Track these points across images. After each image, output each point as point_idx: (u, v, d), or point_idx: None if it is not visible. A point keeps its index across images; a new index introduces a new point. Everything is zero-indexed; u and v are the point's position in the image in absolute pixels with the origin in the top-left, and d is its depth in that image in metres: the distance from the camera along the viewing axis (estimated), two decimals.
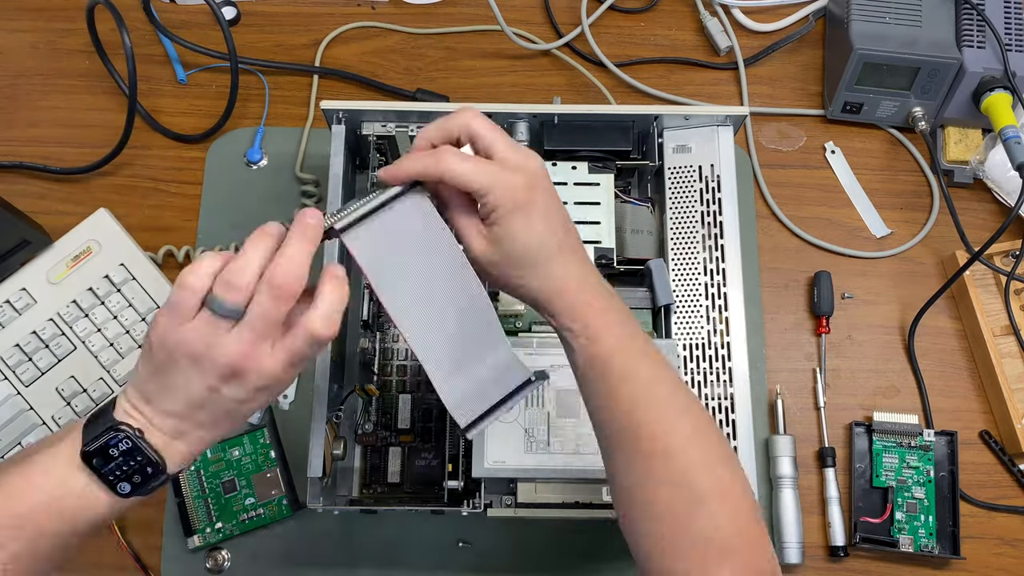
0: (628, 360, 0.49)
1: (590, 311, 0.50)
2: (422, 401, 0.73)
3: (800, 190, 0.87)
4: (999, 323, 0.81)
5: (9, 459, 0.51)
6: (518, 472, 0.66)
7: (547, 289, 0.50)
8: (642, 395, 0.49)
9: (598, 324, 0.49)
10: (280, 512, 0.75)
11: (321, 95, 0.90)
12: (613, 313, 0.50)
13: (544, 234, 0.49)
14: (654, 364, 0.50)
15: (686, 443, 0.48)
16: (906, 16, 0.83)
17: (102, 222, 0.80)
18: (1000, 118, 0.78)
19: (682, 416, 0.49)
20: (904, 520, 0.75)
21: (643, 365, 0.50)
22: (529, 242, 0.48)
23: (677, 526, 0.48)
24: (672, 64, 0.92)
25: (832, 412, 0.79)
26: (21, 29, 0.93)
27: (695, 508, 0.47)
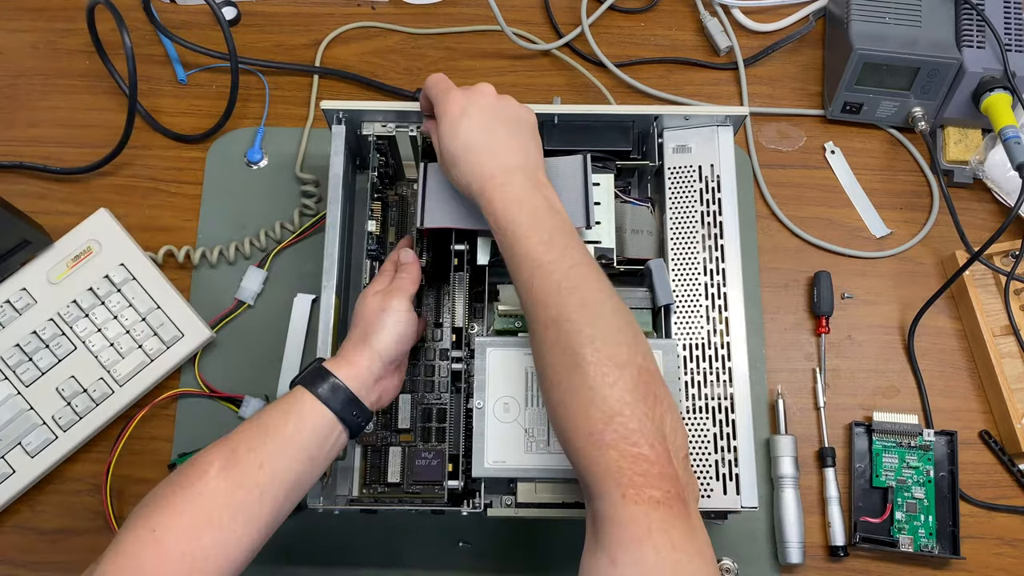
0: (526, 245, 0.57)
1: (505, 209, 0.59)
2: (422, 401, 0.73)
3: (800, 190, 0.87)
4: (999, 323, 0.81)
5: None
6: (518, 472, 0.66)
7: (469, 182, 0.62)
8: (536, 272, 0.56)
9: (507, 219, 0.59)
10: None
11: (321, 95, 0.90)
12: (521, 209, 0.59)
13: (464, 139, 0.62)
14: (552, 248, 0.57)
15: (572, 312, 0.54)
16: (906, 16, 0.83)
17: (102, 222, 0.80)
18: (1000, 118, 0.78)
19: (573, 291, 0.55)
20: (904, 520, 0.75)
21: (540, 248, 0.57)
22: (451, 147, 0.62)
23: (565, 391, 0.53)
24: (672, 64, 0.92)
25: (832, 412, 0.79)
26: (21, 29, 0.93)
27: (576, 373, 0.52)
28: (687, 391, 0.68)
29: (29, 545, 0.76)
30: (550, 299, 0.55)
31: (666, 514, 0.49)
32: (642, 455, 0.50)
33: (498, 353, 0.68)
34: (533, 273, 0.56)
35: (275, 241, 0.83)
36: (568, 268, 0.56)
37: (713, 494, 0.65)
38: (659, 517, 0.48)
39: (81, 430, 0.76)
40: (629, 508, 0.48)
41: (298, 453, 0.57)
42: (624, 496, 0.49)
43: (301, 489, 0.58)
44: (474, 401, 0.67)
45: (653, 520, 0.48)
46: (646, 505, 0.48)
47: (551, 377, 0.54)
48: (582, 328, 0.53)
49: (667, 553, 0.47)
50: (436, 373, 0.73)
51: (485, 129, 0.62)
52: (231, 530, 0.53)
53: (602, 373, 0.52)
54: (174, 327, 0.78)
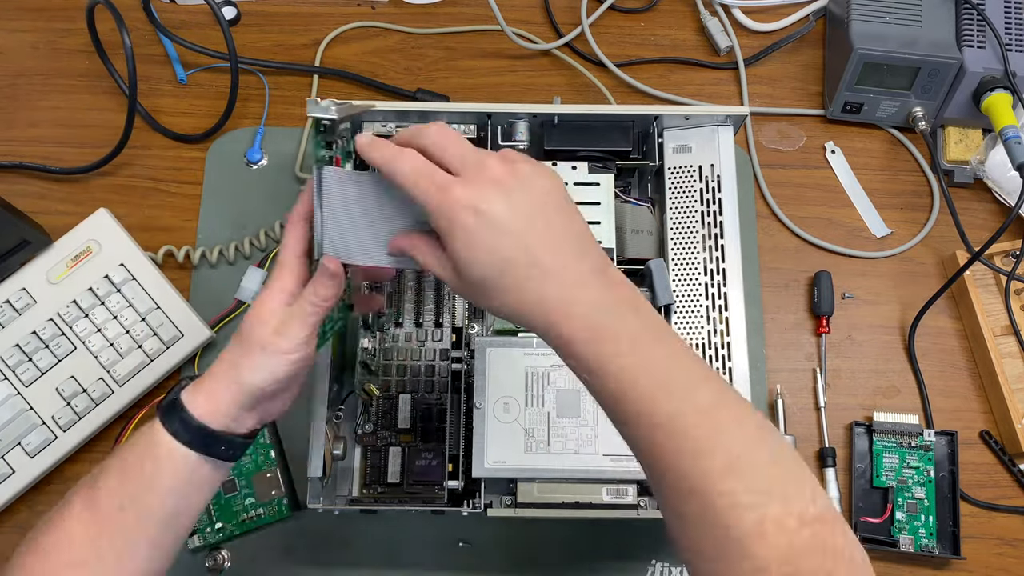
0: (638, 390, 0.43)
1: (589, 344, 0.44)
2: (422, 401, 0.73)
3: (800, 190, 0.87)
4: (999, 323, 0.81)
5: None
6: (518, 472, 0.66)
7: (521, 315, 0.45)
8: (657, 433, 0.43)
9: (598, 361, 0.44)
10: (280, 512, 0.75)
11: (321, 95, 0.90)
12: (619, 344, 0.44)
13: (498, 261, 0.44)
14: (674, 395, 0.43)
15: (718, 480, 0.42)
16: (906, 16, 0.83)
17: (102, 222, 0.80)
18: (1000, 118, 0.78)
19: (714, 452, 0.42)
20: (904, 520, 0.75)
21: (660, 399, 0.43)
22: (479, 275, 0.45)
23: (720, 569, 0.42)
24: (672, 64, 0.92)
25: (832, 412, 0.79)
26: (21, 29, 0.93)
27: (736, 554, 0.41)
28: None
29: None
30: (683, 464, 0.42)
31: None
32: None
33: (498, 353, 0.68)
34: (653, 433, 0.43)
35: (275, 241, 0.83)
36: (698, 415, 0.43)
37: None
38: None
39: (81, 430, 0.76)
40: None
41: (163, 492, 0.51)
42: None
43: (185, 521, 0.53)
44: (474, 401, 0.67)
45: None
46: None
47: (703, 556, 0.43)
48: (738, 498, 0.41)
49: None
50: (436, 373, 0.73)
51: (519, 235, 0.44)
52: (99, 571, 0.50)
53: (772, 546, 0.41)
54: (174, 327, 0.78)
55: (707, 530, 0.42)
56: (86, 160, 0.85)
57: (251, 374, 0.51)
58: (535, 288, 0.44)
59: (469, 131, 0.71)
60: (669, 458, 0.43)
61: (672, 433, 0.43)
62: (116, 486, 0.51)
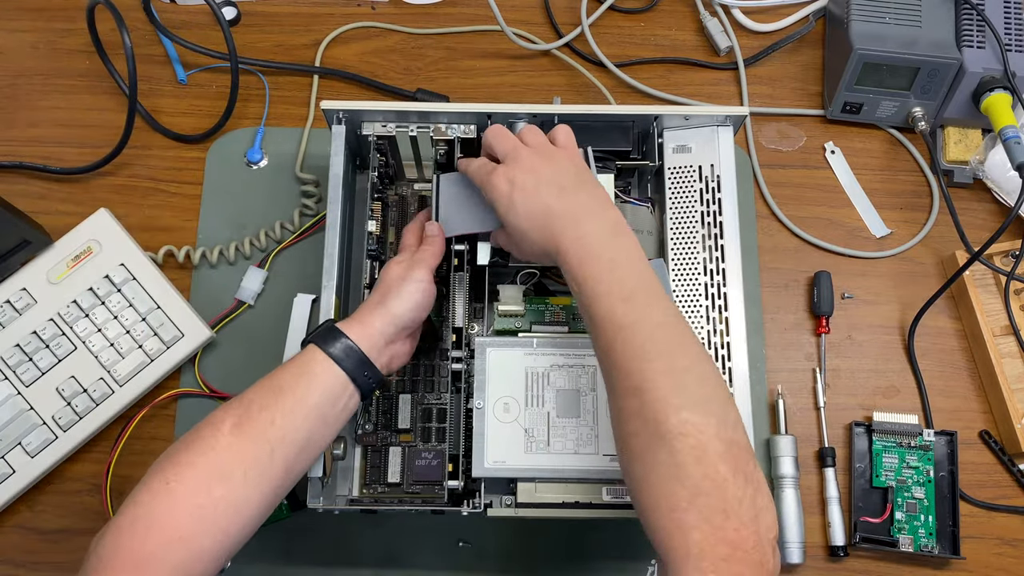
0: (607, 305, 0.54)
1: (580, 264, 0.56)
2: (422, 401, 0.73)
3: (800, 190, 0.87)
4: (999, 323, 0.81)
5: None
6: (518, 472, 0.66)
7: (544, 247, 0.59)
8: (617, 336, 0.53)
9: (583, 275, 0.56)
10: (280, 512, 0.75)
11: (321, 95, 0.90)
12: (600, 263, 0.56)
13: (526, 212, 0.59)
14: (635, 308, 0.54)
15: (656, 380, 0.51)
16: (906, 16, 0.83)
17: (102, 222, 0.80)
18: (1000, 118, 0.78)
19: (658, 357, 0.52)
20: (904, 520, 0.75)
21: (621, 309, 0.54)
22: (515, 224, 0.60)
23: (647, 465, 0.50)
24: (672, 64, 0.92)
25: (832, 412, 0.79)
26: (21, 29, 0.93)
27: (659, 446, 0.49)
28: None
29: (29, 545, 0.76)
30: (632, 365, 0.52)
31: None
32: (727, 538, 0.47)
33: (498, 353, 0.68)
34: (615, 337, 0.53)
35: (275, 241, 0.83)
36: (652, 329, 0.53)
37: None
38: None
39: (81, 430, 0.76)
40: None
41: (310, 412, 0.58)
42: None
43: (314, 449, 0.59)
44: (474, 401, 0.67)
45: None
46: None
47: (632, 448, 0.51)
48: (668, 397, 0.50)
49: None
50: (436, 373, 0.73)
51: (542, 194, 0.59)
52: (242, 485, 0.54)
53: (689, 447, 0.48)
54: (174, 327, 0.78)
55: (640, 424, 0.51)
56: (86, 160, 0.85)
57: (397, 302, 0.63)
58: (551, 228, 0.58)
59: (469, 131, 0.71)
60: (621, 358, 0.53)
61: (628, 338, 0.53)
62: (271, 402, 0.57)
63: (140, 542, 0.51)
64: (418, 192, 0.77)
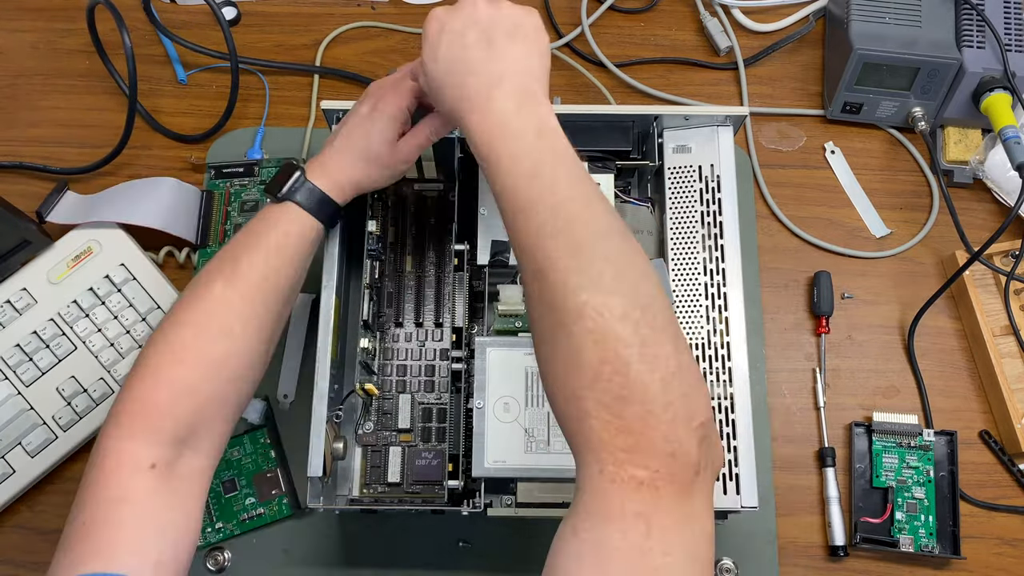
0: (508, 176, 0.50)
1: (487, 140, 0.52)
2: (422, 401, 0.73)
3: (800, 190, 0.87)
4: (999, 323, 0.81)
5: None
6: (518, 472, 0.66)
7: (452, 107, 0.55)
8: (519, 214, 0.49)
9: (488, 151, 0.52)
10: (280, 512, 0.75)
11: (322, 95, 0.90)
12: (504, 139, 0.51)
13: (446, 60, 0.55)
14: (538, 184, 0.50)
15: (557, 260, 0.47)
16: (906, 16, 0.83)
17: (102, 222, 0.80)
18: (1000, 118, 0.78)
19: (558, 235, 0.48)
20: (904, 520, 0.75)
21: (524, 185, 0.50)
22: (432, 72, 0.56)
23: (550, 350, 0.47)
24: (672, 64, 0.92)
25: (832, 412, 0.79)
26: (21, 29, 0.93)
27: (559, 330, 0.46)
28: None
29: (29, 545, 0.76)
30: (535, 244, 0.48)
31: (649, 496, 0.42)
32: (627, 426, 0.43)
33: (498, 353, 0.68)
34: (516, 215, 0.49)
35: None
36: (555, 205, 0.48)
37: None
38: (639, 499, 0.42)
39: (81, 430, 0.76)
40: (604, 485, 0.42)
41: (294, 261, 0.61)
42: (601, 472, 0.43)
43: (293, 295, 0.63)
44: (474, 401, 0.67)
45: (629, 502, 0.42)
46: (624, 484, 0.42)
47: (538, 333, 0.48)
48: (567, 278, 0.46)
49: (637, 540, 0.41)
50: (436, 373, 0.73)
51: (469, 44, 0.54)
52: (241, 338, 0.58)
53: (587, 329, 0.44)
54: None
55: (544, 309, 0.47)
56: (86, 160, 0.85)
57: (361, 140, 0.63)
58: (464, 85, 0.54)
59: None
60: (524, 238, 0.49)
61: (530, 216, 0.49)
62: (260, 261, 0.59)
63: (147, 398, 0.54)
64: (418, 192, 0.77)
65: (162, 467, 0.53)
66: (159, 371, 0.55)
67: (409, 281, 0.74)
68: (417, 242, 0.75)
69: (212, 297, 0.58)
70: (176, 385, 0.55)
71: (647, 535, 0.41)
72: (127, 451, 0.52)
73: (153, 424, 0.53)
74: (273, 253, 0.60)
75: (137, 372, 0.55)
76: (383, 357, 0.73)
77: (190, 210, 0.83)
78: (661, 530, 0.42)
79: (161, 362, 0.55)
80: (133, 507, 0.51)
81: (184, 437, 0.54)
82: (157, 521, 0.52)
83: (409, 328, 0.74)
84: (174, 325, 0.57)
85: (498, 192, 0.51)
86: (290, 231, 0.61)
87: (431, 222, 0.76)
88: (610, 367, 0.44)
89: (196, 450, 0.56)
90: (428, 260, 0.75)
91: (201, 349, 0.56)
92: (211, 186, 0.84)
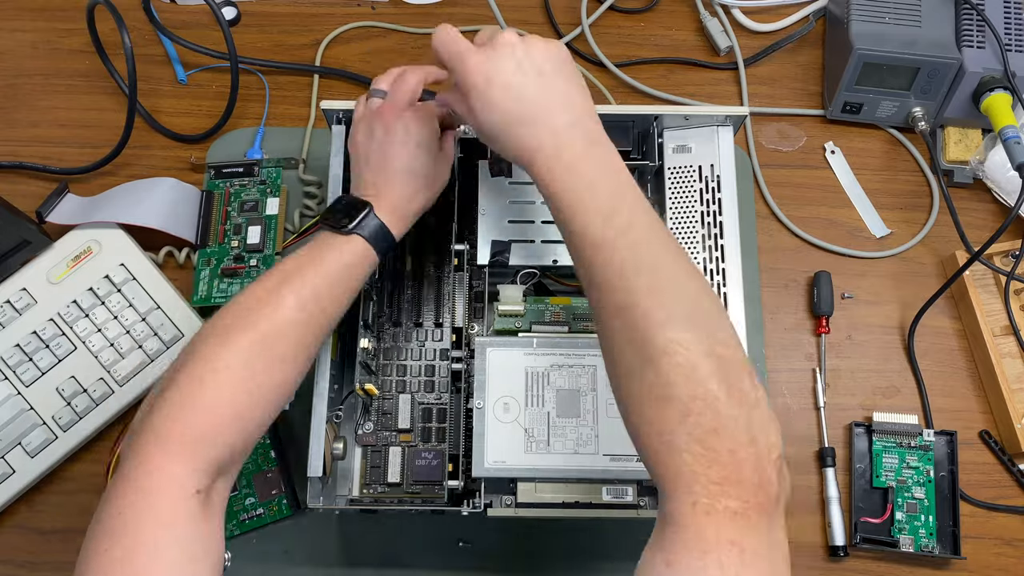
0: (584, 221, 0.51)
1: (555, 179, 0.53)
2: (422, 401, 0.73)
3: (800, 190, 0.87)
4: (999, 323, 0.81)
5: None
6: (518, 472, 0.66)
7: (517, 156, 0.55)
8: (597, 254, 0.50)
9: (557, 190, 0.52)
10: (280, 512, 0.75)
11: (322, 95, 0.90)
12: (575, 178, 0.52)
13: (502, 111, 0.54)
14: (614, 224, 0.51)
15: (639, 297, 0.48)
16: (906, 16, 0.83)
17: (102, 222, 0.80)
18: (1000, 118, 0.78)
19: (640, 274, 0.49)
20: (904, 520, 0.75)
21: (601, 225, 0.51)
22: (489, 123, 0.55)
23: (634, 386, 0.48)
24: (672, 64, 0.92)
25: (832, 412, 0.79)
26: (21, 29, 0.93)
27: (647, 367, 0.47)
28: None
29: (29, 545, 0.76)
30: (615, 282, 0.49)
31: (742, 525, 0.44)
32: (720, 460, 0.44)
33: (498, 353, 0.68)
34: (594, 254, 0.50)
35: None
36: (633, 244, 0.50)
37: None
38: (733, 528, 0.44)
39: (81, 430, 0.76)
40: (699, 518, 0.44)
41: (350, 295, 0.62)
42: (695, 505, 0.44)
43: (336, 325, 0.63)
44: (474, 401, 0.67)
45: (724, 532, 0.43)
46: (719, 516, 0.44)
47: (619, 370, 0.49)
48: (652, 314, 0.47)
49: (733, 568, 0.43)
50: (436, 373, 0.73)
51: (520, 95, 0.54)
52: (295, 365, 0.58)
53: (675, 364, 0.46)
54: (174, 327, 0.78)
55: (626, 344, 0.48)
56: (86, 160, 0.85)
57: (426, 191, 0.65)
58: (526, 135, 0.54)
59: (469, 131, 0.71)
60: (601, 276, 0.50)
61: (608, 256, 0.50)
62: (325, 291, 0.59)
63: (200, 423, 0.52)
64: None
65: (203, 494, 0.52)
66: (220, 392, 0.54)
67: (409, 281, 0.74)
68: (417, 242, 0.75)
69: (281, 321, 0.57)
70: (231, 410, 0.54)
71: (741, 563, 0.43)
72: (176, 475, 0.51)
73: (201, 452, 0.52)
74: (336, 285, 0.60)
75: (187, 389, 0.53)
76: (383, 357, 0.73)
77: (190, 210, 0.83)
78: (753, 556, 0.44)
79: (220, 382, 0.54)
80: (177, 533, 0.50)
81: (226, 464, 0.54)
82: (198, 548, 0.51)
83: (409, 328, 0.73)
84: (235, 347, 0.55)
85: (572, 232, 0.52)
86: (354, 264, 0.61)
87: (431, 222, 0.76)
88: (700, 402, 0.45)
89: (228, 475, 0.55)
90: (428, 260, 0.74)
91: (261, 375, 0.55)
92: (211, 186, 0.84)
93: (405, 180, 0.63)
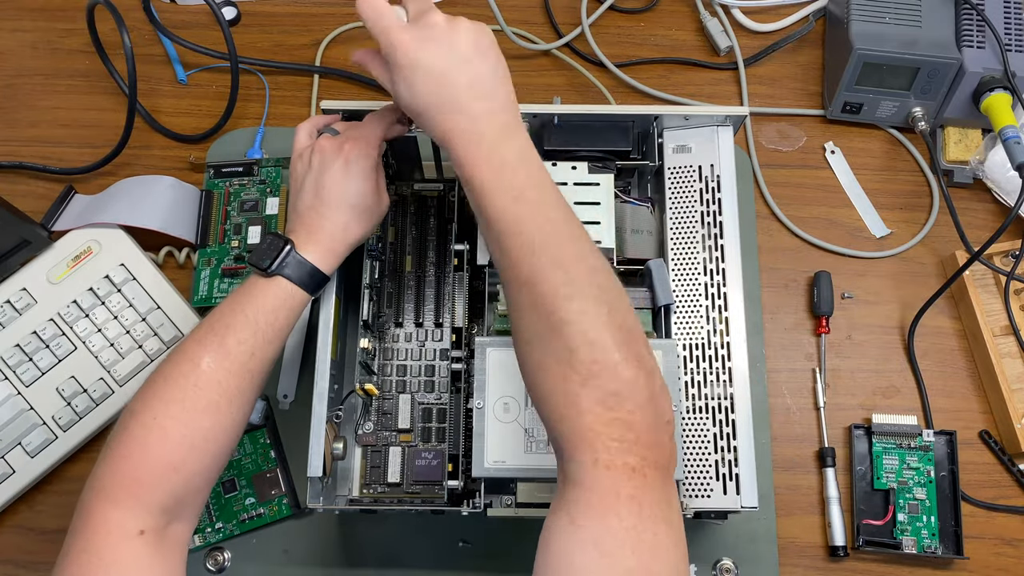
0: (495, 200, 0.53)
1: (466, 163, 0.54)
2: (422, 401, 0.73)
3: (800, 190, 0.87)
4: (999, 323, 0.81)
5: None
6: (518, 472, 0.66)
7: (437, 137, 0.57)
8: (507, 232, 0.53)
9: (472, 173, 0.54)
10: (280, 512, 0.75)
11: (322, 95, 0.90)
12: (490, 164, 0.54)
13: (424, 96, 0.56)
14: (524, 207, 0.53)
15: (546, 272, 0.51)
16: (906, 16, 0.83)
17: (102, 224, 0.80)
18: (1000, 118, 0.78)
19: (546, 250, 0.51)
20: (906, 521, 0.75)
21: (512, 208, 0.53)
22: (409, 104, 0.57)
23: (541, 353, 0.50)
24: (672, 64, 0.92)
25: (832, 412, 0.79)
26: (21, 29, 0.93)
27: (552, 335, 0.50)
28: (687, 391, 0.68)
29: (29, 545, 0.76)
30: (524, 257, 0.52)
31: (640, 482, 0.47)
32: (620, 419, 0.47)
33: (498, 353, 0.68)
34: (501, 232, 0.53)
35: None
36: (540, 225, 0.53)
37: (713, 494, 0.65)
38: (631, 484, 0.47)
39: (81, 430, 0.76)
40: (600, 474, 0.47)
41: (281, 335, 0.62)
42: (596, 461, 0.47)
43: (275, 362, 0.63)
44: (474, 401, 0.67)
45: (623, 487, 0.46)
46: (619, 472, 0.47)
47: (527, 338, 0.52)
48: (558, 288, 0.50)
49: (633, 520, 0.46)
50: (436, 373, 0.73)
51: (443, 82, 0.55)
52: (227, 413, 0.58)
53: (581, 332, 0.49)
54: (174, 327, 0.78)
55: (534, 315, 0.51)
56: (86, 160, 0.85)
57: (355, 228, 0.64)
58: (447, 120, 0.55)
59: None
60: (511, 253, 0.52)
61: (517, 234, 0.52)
62: (248, 337, 0.59)
63: (135, 471, 0.54)
64: (418, 192, 0.77)
65: (150, 534, 0.53)
66: (147, 447, 0.55)
67: (409, 281, 0.74)
68: (417, 242, 0.75)
69: (199, 373, 0.57)
70: (163, 460, 0.55)
71: (640, 515, 0.46)
72: (115, 519, 0.53)
73: (141, 497, 0.54)
74: (262, 330, 0.60)
75: (122, 443, 0.55)
76: (383, 357, 0.73)
77: (190, 210, 0.83)
78: (651, 509, 0.47)
79: (148, 438, 0.55)
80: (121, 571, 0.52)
81: (171, 508, 0.55)
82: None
83: (409, 328, 0.74)
84: (161, 400, 0.57)
85: (483, 214, 0.54)
86: (278, 307, 0.61)
87: (431, 222, 0.76)
88: (601, 366, 0.48)
89: (181, 518, 0.56)
90: (428, 260, 0.75)
91: (188, 426, 0.56)
92: (210, 186, 0.84)
93: (339, 210, 0.63)
